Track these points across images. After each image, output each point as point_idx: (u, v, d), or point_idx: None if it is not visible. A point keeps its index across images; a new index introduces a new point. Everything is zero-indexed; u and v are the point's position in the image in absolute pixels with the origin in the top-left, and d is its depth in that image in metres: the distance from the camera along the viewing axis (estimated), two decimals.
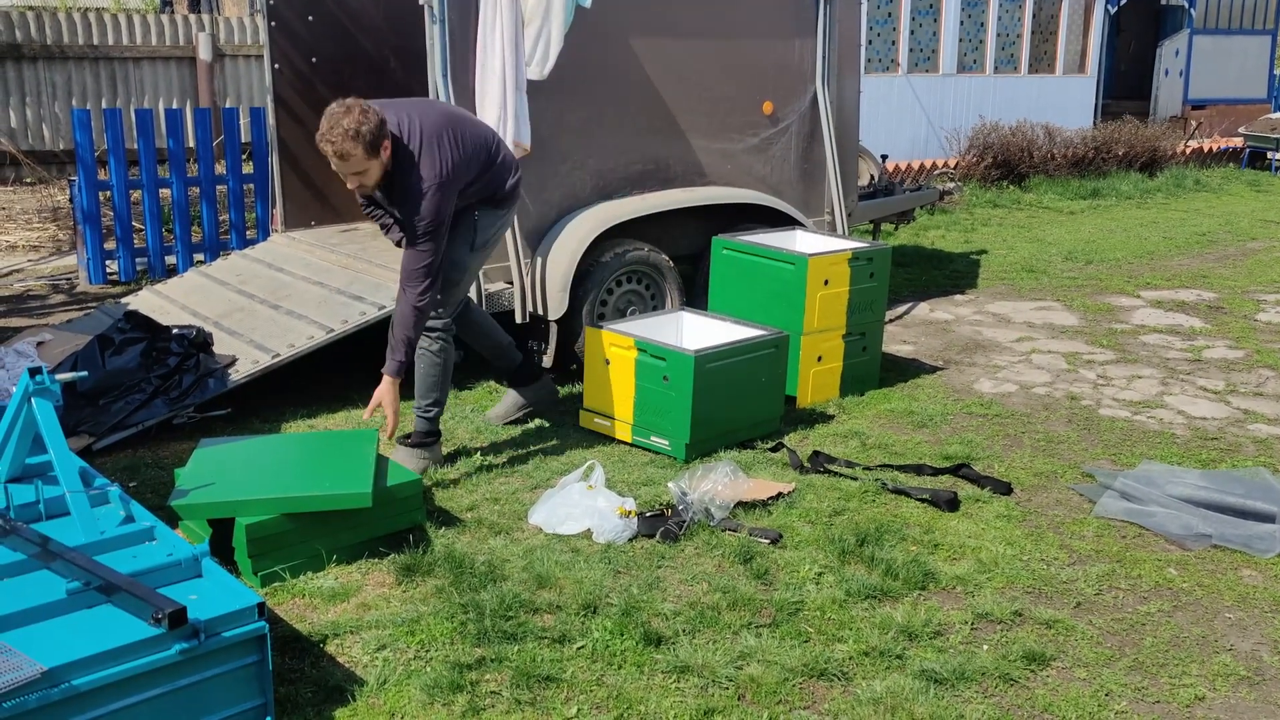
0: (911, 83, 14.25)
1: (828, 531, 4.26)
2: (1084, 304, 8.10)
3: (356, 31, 7.05)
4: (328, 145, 4.18)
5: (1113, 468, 5.02)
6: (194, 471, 3.97)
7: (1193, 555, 4.23)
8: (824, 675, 3.36)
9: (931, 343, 7.07)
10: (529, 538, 4.19)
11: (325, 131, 4.17)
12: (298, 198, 7.06)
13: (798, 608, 3.72)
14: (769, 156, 6.71)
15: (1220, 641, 3.65)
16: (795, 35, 6.69)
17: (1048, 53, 15.63)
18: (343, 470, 4.03)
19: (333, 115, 4.18)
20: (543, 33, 5.43)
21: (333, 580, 3.82)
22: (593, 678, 3.32)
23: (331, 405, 5.54)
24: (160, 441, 5.05)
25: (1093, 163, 14.27)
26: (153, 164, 8.02)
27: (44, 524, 3.36)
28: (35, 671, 2.58)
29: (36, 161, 11.86)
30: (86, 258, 8.01)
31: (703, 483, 4.38)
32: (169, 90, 12.99)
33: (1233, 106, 18.32)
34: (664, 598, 3.76)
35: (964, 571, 4.01)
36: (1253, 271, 9.40)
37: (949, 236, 10.72)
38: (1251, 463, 5.09)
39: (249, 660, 2.94)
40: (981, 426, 5.53)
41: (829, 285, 5.66)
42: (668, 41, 6.18)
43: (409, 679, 3.27)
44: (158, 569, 3.08)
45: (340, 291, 5.88)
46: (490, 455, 4.95)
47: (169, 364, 5.29)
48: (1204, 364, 6.69)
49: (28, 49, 12.14)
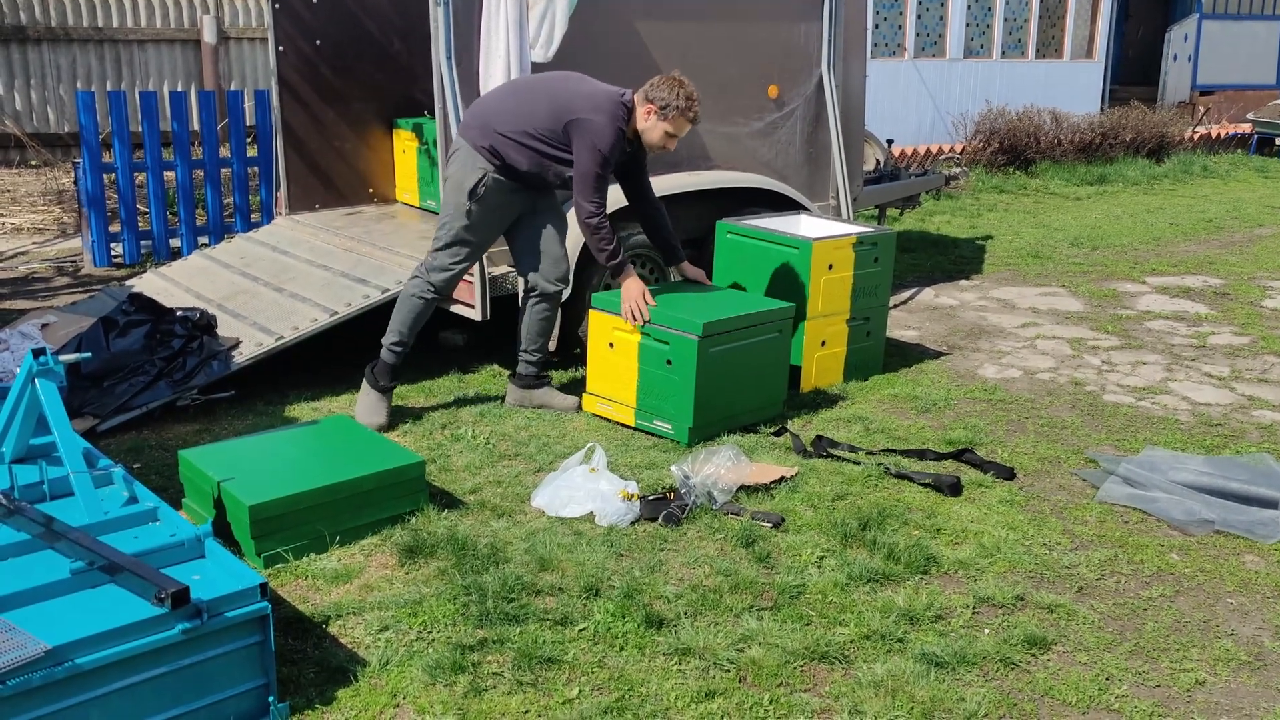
0: (918, 67, 14.20)
1: (830, 515, 4.26)
2: (1089, 290, 8.09)
3: (361, 14, 7.03)
4: (699, 109, 4.96)
5: (1116, 453, 5.02)
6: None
7: (1195, 541, 4.23)
8: (825, 658, 3.36)
9: (936, 328, 7.06)
10: (531, 520, 4.20)
11: (696, 99, 4.92)
12: (302, 181, 7.06)
13: (799, 591, 3.73)
14: (774, 140, 6.69)
15: (1222, 627, 3.65)
16: (801, 18, 6.66)
17: (1055, 37, 15.56)
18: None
19: (688, 86, 4.89)
20: (547, 15, 5.41)
21: (335, 562, 3.84)
22: (594, 659, 3.33)
23: (335, 388, 5.55)
24: (164, 423, 5.06)
25: (1100, 148, 14.22)
26: (157, 147, 8.02)
27: (48, 504, 3.37)
28: (39, 650, 2.59)
29: (41, 144, 11.86)
30: (91, 240, 8.01)
31: (705, 466, 4.38)
32: (174, 73, 12.98)
33: (1241, 92, 18.24)
34: (666, 580, 3.77)
35: (966, 556, 4.01)
36: (1259, 258, 9.37)
37: (954, 222, 10.69)
38: (1255, 449, 5.08)
39: (251, 640, 2.95)
40: (985, 412, 5.53)
41: (833, 270, 5.65)
42: (672, 24, 6.16)
43: (411, 660, 3.28)
44: (161, 549, 3.09)
45: (344, 274, 5.88)
46: (493, 438, 4.96)
47: (173, 346, 5.30)
48: (1209, 350, 6.68)
49: (33, 31, 12.13)
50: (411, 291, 5.06)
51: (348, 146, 7.19)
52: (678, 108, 4.87)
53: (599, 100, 4.85)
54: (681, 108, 4.88)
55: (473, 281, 5.49)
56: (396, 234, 6.52)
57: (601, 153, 4.80)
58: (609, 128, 4.80)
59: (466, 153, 4.93)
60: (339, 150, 7.16)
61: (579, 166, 4.84)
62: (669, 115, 4.88)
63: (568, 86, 4.94)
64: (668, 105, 4.86)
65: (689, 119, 4.94)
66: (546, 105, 4.87)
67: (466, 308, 5.59)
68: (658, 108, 4.87)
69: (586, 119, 4.81)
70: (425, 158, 6.93)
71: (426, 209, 7.03)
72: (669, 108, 4.87)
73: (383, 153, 7.32)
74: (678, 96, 4.86)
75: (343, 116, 7.12)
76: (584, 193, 4.86)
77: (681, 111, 4.89)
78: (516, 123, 4.86)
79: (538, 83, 5.06)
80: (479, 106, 5.06)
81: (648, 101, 4.89)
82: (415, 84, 7.11)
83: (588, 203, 4.87)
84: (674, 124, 4.92)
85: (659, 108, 4.87)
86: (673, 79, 4.91)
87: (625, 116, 4.87)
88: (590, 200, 4.86)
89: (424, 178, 7.01)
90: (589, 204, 4.87)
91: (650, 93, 4.89)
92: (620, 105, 4.87)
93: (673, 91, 4.86)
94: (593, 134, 4.79)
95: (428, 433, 5.01)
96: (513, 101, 4.96)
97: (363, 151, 7.26)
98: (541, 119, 4.86)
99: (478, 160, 4.90)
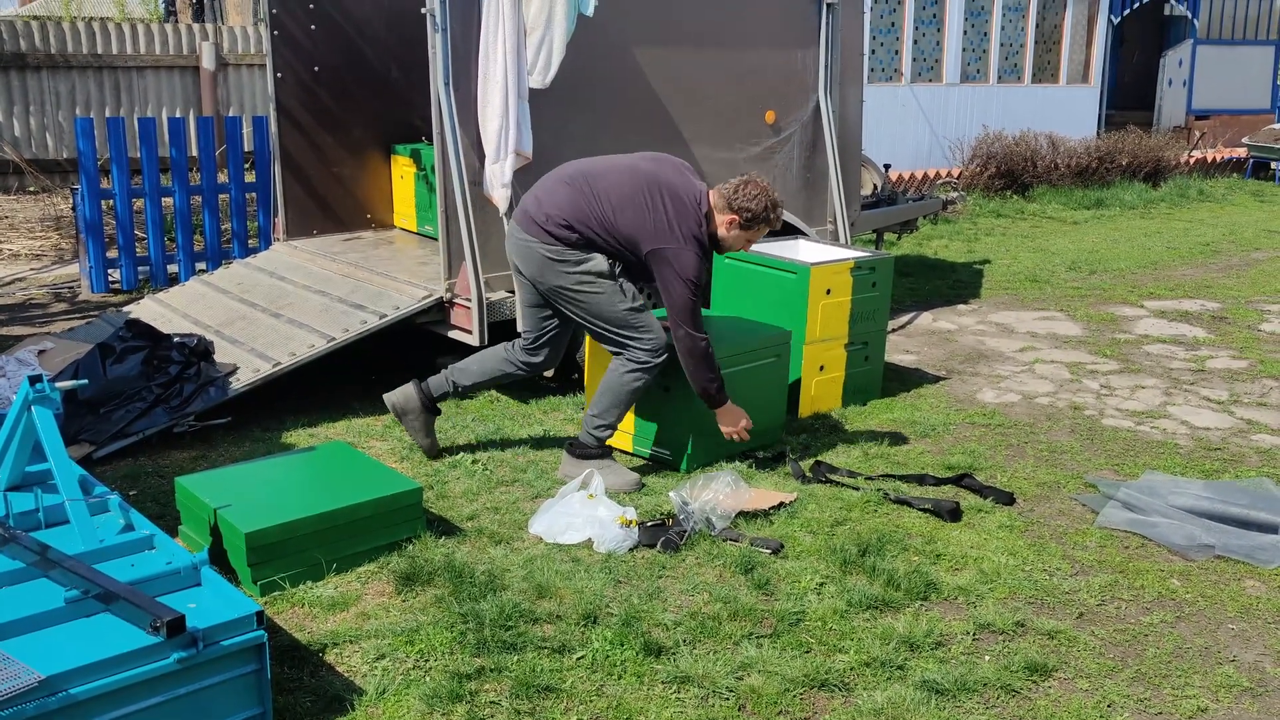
0: (915, 92, 14.25)
1: (829, 542, 4.24)
2: (1087, 314, 8.09)
3: (359, 40, 7.06)
4: (782, 212, 4.72)
5: (1116, 478, 5.01)
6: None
7: (1196, 566, 4.21)
8: (825, 686, 3.34)
9: (934, 352, 7.06)
10: (529, 547, 4.18)
11: (780, 205, 4.68)
12: (300, 206, 7.07)
13: (799, 618, 3.71)
14: (771, 165, 6.70)
15: (1223, 653, 3.63)
16: (798, 44, 6.69)
17: (1051, 63, 15.64)
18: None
19: (772, 193, 4.63)
20: (545, 41, 5.43)
21: (332, 589, 3.81)
22: (593, 688, 3.30)
23: (333, 414, 5.53)
24: (161, 450, 5.04)
25: (1096, 173, 14.27)
26: (155, 172, 8.03)
27: (43, 532, 3.36)
28: (33, 679, 2.57)
29: (40, 170, 11.89)
30: (89, 266, 8.01)
31: (704, 492, 4.36)
32: (172, 99, 13.02)
33: (1236, 117, 18.32)
34: (665, 608, 3.75)
35: (966, 582, 3.99)
36: (1256, 282, 9.38)
37: (952, 246, 10.71)
38: (1255, 473, 5.07)
39: (247, 669, 2.93)
40: (984, 436, 5.52)
41: (831, 294, 5.65)
42: (670, 50, 6.18)
43: (408, 689, 3.26)
44: (157, 577, 3.07)
45: (341, 300, 5.88)
46: (491, 464, 4.94)
47: (170, 372, 5.29)
48: (1207, 374, 6.68)
49: (32, 58, 12.18)
50: (628, 378, 4.73)
51: (345, 172, 7.21)
52: (766, 219, 4.62)
53: (680, 226, 4.52)
54: (770, 219, 4.64)
55: (470, 307, 5.49)
56: (394, 260, 6.52)
57: (694, 283, 4.51)
58: (694, 256, 4.51)
59: (563, 248, 4.59)
60: (337, 176, 7.18)
61: (674, 298, 4.51)
62: (755, 226, 4.63)
63: (644, 200, 4.55)
64: (755, 218, 4.60)
65: (772, 226, 4.70)
66: (630, 220, 4.55)
67: (464, 333, 5.59)
68: (742, 220, 4.59)
69: (670, 250, 4.50)
70: (423, 183, 6.95)
71: (424, 234, 7.04)
72: (756, 220, 4.61)
73: (380, 178, 7.34)
74: (764, 207, 4.58)
75: (341, 142, 7.14)
76: (687, 322, 4.52)
77: (769, 222, 4.65)
78: (598, 222, 4.57)
79: (609, 188, 4.61)
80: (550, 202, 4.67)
81: (731, 211, 4.58)
82: (413, 110, 7.13)
83: (695, 332, 4.54)
84: (757, 233, 4.68)
85: (744, 220, 4.60)
86: (756, 184, 4.61)
87: (706, 227, 4.59)
88: (695, 329, 4.54)
89: (421, 203, 7.02)
90: (696, 333, 4.54)
91: (734, 200, 4.57)
92: (700, 220, 4.56)
93: (758, 202, 4.57)
94: (680, 266, 4.49)
95: (425, 459, 5.00)
96: (585, 201, 4.62)
97: (360, 177, 7.28)
98: (623, 232, 4.56)
99: (582, 250, 4.60)
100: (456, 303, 5.62)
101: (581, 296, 4.63)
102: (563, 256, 4.59)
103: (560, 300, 4.70)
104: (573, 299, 4.65)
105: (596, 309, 4.64)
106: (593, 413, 4.75)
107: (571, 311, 4.72)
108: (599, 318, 4.65)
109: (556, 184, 4.70)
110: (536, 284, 4.71)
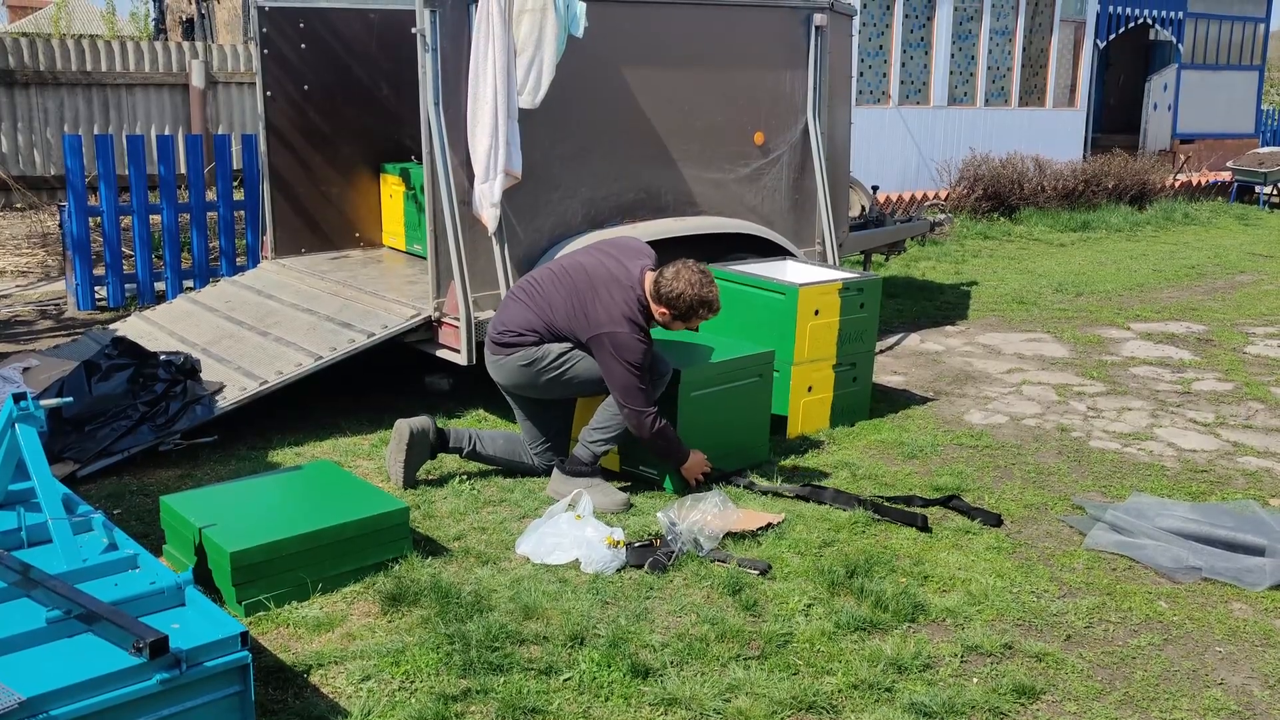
0: (902, 114, 14.33)
1: (817, 563, 4.24)
2: (1074, 336, 8.12)
3: (349, 59, 7.06)
4: (718, 299, 4.72)
5: (1103, 500, 5.01)
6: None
7: (1183, 588, 4.21)
8: (813, 708, 3.33)
9: (922, 373, 7.07)
10: (516, 567, 4.16)
11: (715, 295, 4.69)
12: (288, 225, 7.05)
13: (786, 640, 3.70)
14: (760, 187, 6.72)
15: (1211, 675, 3.63)
16: (787, 66, 6.72)
17: (1038, 86, 15.74)
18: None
19: (704, 288, 4.64)
20: (535, 61, 5.44)
21: (317, 610, 3.79)
22: (579, 710, 3.28)
23: (319, 433, 5.51)
24: (146, 468, 5.01)
25: (1083, 195, 14.35)
26: (143, 190, 8.02)
27: (26, 551, 3.33)
28: (13, 701, 2.54)
29: (27, 187, 11.86)
30: (75, 283, 7.99)
31: (692, 513, 4.36)
32: (161, 116, 13.02)
33: (1221, 140, 18.46)
34: (652, 629, 3.74)
35: (954, 604, 3.99)
36: (1241, 304, 9.43)
37: (940, 268, 10.75)
38: (1241, 495, 5.08)
39: (231, 690, 2.90)
40: (972, 458, 5.52)
41: (819, 315, 5.66)
42: (659, 71, 6.20)
43: (393, 710, 3.23)
44: (140, 597, 3.05)
45: (329, 319, 5.86)
46: (478, 484, 4.93)
47: (156, 390, 5.26)
48: (1193, 396, 6.70)
49: (21, 75, 12.17)
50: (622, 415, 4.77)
51: (334, 191, 7.20)
52: (695, 314, 4.69)
53: (613, 311, 4.63)
54: (700, 314, 4.70)
55: (458, 326, 5.48)
56: (382, 278, 6.51)
57: (631, 364, 4.59)
58: (629, 338, 4.60)
59: (525, 351, 4.76)
60: (325, 195, 7.17)
61: (615, 379, 4.62)
62: (689, 318, 4.71)
63: (578, 294, 4.72)
64: (682, 314, 4.67)
65: (712, 313, 4.74)
66: (565, 316, 4.72)
67: (452, 352, 5.59)
68: (672, 314, 4.68)
69: (605, 334, 4.61)
70: (412, 202, 6.95)
71: (413, 253, 7.03)
72: (684, 314, 4.68)
73: (369, 197, 7.34)
74: (689, 305, 4.64)
75: (330, 161, 7.13)
76: (634, 402, 4.61)
77: (700, 316, 4.72)
78: (543, 324, 4.74)
79: (549, 290, 4.81)
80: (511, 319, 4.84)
81: (658, 302, 4.66)
82: (403, 129, 7.13)
83: (642, 410, 4.62)
84: (697, 320, 4.75)
85: (673, 314, 4.68)
86: (683, 277, 4.64)
87: (643, 313, 4.68)
88: (642, 408, 4.62)
89: (410, 222, 7.02)
90: (644, 411, 4.62)
91: (660, 291, 4.64)
92: (633, 303, 4.66)
93: (684, 300, 4.63)
94: (614, 347, 4.59)
95: None
96: (532, 307, 4.80)
97: (349, 196, 7.28)
98: (563, 327, 4.73)
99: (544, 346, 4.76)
100: (445, 322, 5.62)
101: (566, 374, 4.77)
102: (529, 359, 4.77)
103: (554, 391, 4.85)
104: (561, 381, 4.80)
105: (586, 374, 4.76)
106: (593, 426, 4.80)
107: (569, 393, 4.90)
108: (591, 381, 4.77)
109: (509, 301, 4.95)
110: (526, 392, 4.89)
